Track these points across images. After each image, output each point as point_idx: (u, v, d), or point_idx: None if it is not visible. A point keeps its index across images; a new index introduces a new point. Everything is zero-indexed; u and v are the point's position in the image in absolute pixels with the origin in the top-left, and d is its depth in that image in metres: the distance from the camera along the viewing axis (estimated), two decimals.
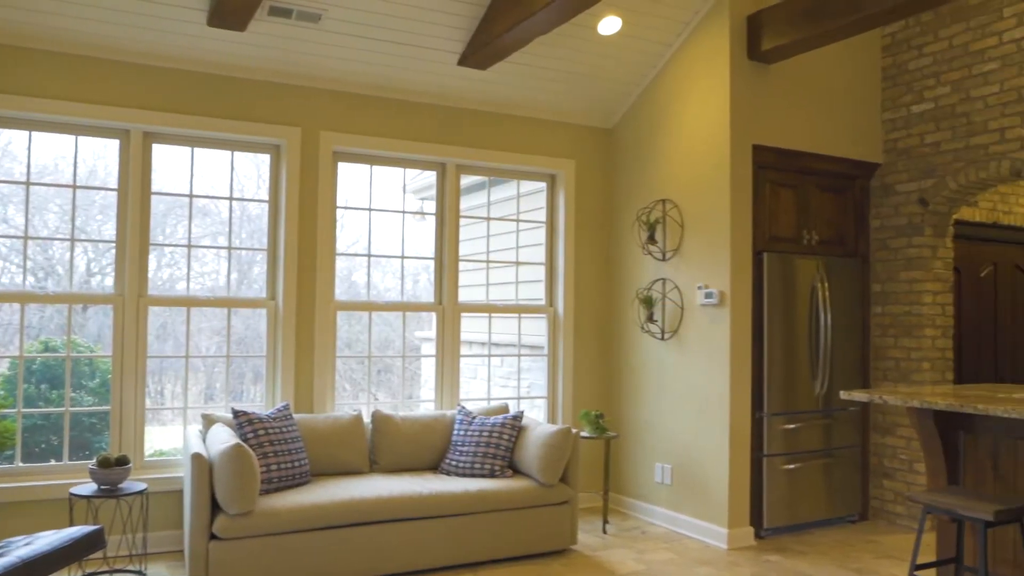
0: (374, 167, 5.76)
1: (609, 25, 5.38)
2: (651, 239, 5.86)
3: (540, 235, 6.46)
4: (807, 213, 5.74)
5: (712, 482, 5.35)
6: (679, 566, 4.82)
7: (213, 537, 4.11)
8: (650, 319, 5.87)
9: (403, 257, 5.96)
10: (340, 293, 5.64)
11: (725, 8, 5.35)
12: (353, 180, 6.05)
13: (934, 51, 5.75)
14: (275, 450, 4.56)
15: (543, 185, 6.43)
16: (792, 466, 5.52)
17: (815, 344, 5.69)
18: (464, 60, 5.39)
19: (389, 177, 6.08)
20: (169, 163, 5.36)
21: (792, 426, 5.54)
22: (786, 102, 5.64)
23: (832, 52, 5.88)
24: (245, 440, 4.52)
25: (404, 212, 5.94)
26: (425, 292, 6.67)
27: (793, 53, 5.29)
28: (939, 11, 5.71)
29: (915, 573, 3.60)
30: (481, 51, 5.17)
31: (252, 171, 8.74)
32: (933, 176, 5.71)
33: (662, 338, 5.82)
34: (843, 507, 5.81)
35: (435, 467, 5.30)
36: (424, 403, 6.29)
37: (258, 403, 5.55)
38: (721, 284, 5.34)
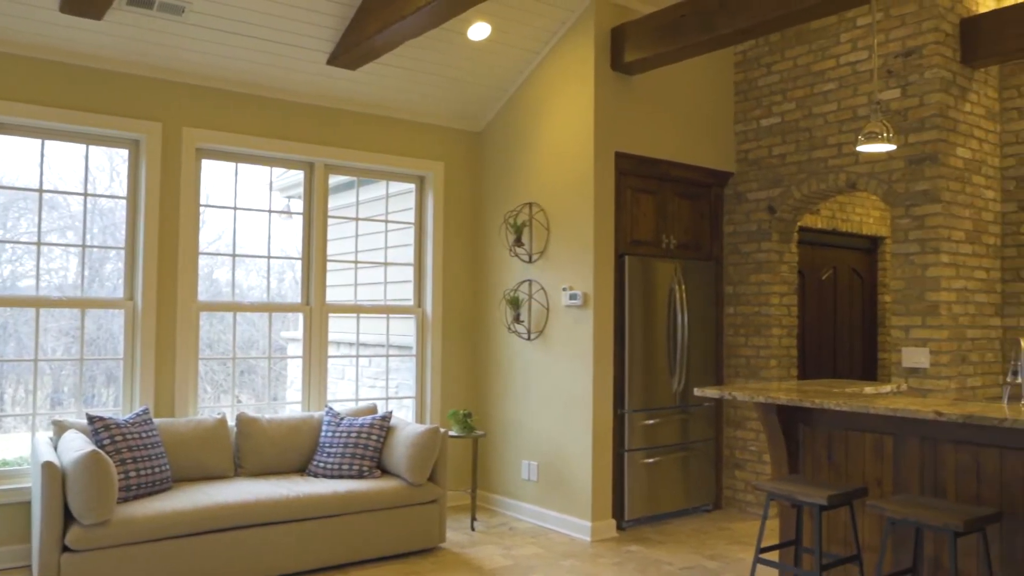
0: (239, 165, 5.62)
1: (479, 31, 5.47)
2: (518, 241, 6.00)
3: (409, 236, 6.48)
4: (666, 218, 6.03)
5: (576, 477, 5.53)
6: (545, 560, 4.97)
7: (66, 549, 3.93)
8: (517, 320, 6.01)
9: (269, 257, 5.85)
10: (202, 291, 5.47)
11: (591, 20, 5.55)
12: (217, 176, 5.88)
13: (781, 69, 6.16)
14: (133, 456, 4.40)
15: (412, 186, 6.45)
16: (651, 460, 5.79)
17: (673, 343, 5.99)
18: (334, 60, 5.35)
19: (255, 174, 5.95)
20: (9, 153, 5.06)
21: (651, 422, 5.81)
22: (647, 112, 5.90)
23: (690, 66, 6.19)
24: (101, 446, 4.33)
25: (270, 211, 5.83)
26: (291, 290, 6.55)
27: (654, 66, 5.55)
28: (785, 33, 6.12)
29: (760, 556, 3.87)
30: (351, 51, 5.15)
31: (105, 163, 8.32)
32: (780, 186, 6.12)
33: (528, 338, 5.97)
34: (699, 497, 6.13)
35: (303, 469, 5.25)
36: (290, 405, 6.19)
37: (112, 407, 5.31)
38: (585, 286, 5.53)
